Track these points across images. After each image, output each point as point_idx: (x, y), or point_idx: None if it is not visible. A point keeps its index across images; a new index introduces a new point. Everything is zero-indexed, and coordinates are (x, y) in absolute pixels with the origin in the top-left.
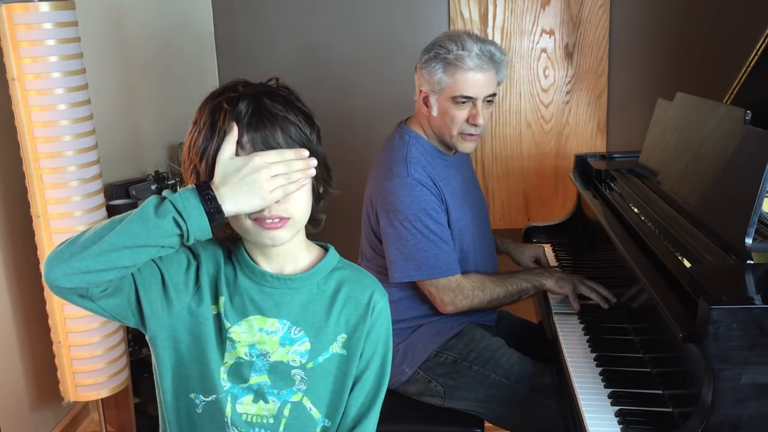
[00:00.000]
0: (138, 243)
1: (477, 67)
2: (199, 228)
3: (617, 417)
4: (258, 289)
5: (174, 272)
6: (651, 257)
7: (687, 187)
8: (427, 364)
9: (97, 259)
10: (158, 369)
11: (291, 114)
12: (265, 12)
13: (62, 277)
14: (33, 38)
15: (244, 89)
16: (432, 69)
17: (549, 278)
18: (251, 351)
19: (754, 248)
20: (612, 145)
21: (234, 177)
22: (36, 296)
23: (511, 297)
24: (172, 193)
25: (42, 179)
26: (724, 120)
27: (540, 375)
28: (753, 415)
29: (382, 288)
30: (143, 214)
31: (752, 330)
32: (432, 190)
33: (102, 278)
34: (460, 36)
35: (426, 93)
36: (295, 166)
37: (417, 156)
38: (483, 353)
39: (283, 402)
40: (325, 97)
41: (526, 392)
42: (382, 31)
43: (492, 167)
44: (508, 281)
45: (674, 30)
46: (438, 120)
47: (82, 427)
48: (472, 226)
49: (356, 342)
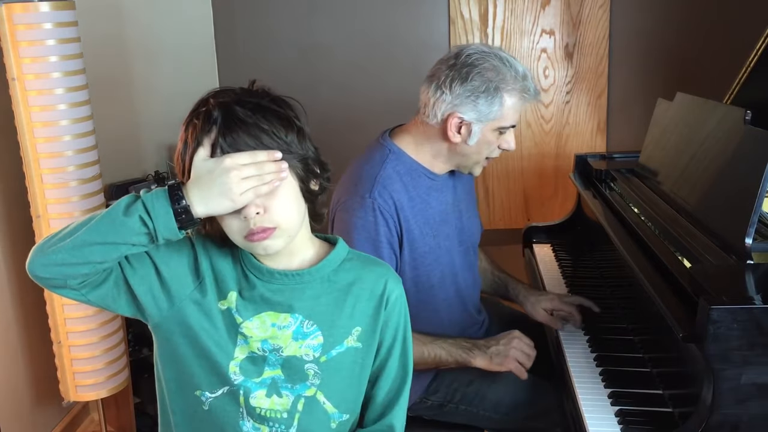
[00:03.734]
0: (107, 240)
1: (535, 94)
2: (166, 227)
3: (617, 417)
4: (268, 287)
5: (173, 264)
6: (651, 257)
7: (687, 187)
8: (413, 409)
9: (71, 253)
10: (161, 363)
11: (262, 120)
12: (265, 12)
13: (39, 267)
14: (33, 38)
15: (214, 101)
16: (489, 100)
17: (479, 356)
18: (264, 346)
19: (754, 248)
20: (612, 145)
21: (205, 178)
22: (36, 296)
23: (424, 364)
24: (146, 192)
25: (42, 179)
26: (724, 120)
27: (536, 401)
28: (753, 415)
29: (396, 275)
30: (113, 213)
31: (752, 330)
32: (389, 221)
33: (76, 271)
34: (502, 57)
35: (466, 121)
36: (267, 168)
37: (390, 176)
38: (468, 391)
39: (297, 396)
40: (325, 97)
41: (519, 422)
42: (382, 31)
43: (492, 167)
44: (427, 345)
45: (674, 30)
46: (472, 148)
47: (82, 427)
48: (445, 258)
49: (372, 334)
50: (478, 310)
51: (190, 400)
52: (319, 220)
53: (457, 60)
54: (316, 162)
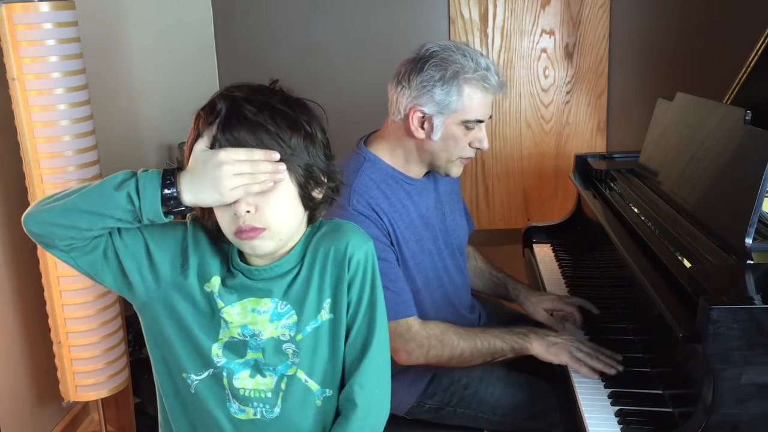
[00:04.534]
0: (93, 209)
1: (499, 85)
2: (150, 209)
3: (617, 417)
4: (249, 281)
5: (165, 246)
6: (651, 257)
7: (687, 187)
8: (411, 412)
9: (61, 214)
10: (148, 344)
11: (268, 120)
12: (265, 12)
13: (32, 222)
14: (33, 38)
15: (224, 93)
16: (446, 89)
17: (536, 342)
18: (243, 331)
19: (754, 248)
20: (612, 145)
21: (199, 169)
22: (36, 296)
23: (480, 356)
24: (144, 171)
25: (42, 179)
26: (724, 120)
27: (535, 401)
28: (753, 415)
29: (361, 234)
30: (106, 184)
31: (752, 330)
32: (376, 223)
33: (63, 233)
34: (463, 49)
35: (426, 114)
36: (262, 167)
37: (366, 184)
38: (465, 394)
39: (280, 376)
40: (325, 96)
41: (518, 423)
42: (382, 31)
43: (492, 167)
44: (478, 336)
45: (674, 30)
46: (438, 144)
47: (82, 427)
48: (429, 262)
49: (341, 301)
50: (470, 308)
51: (179, 384)
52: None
53: (417, 54)
54: (324, 171)
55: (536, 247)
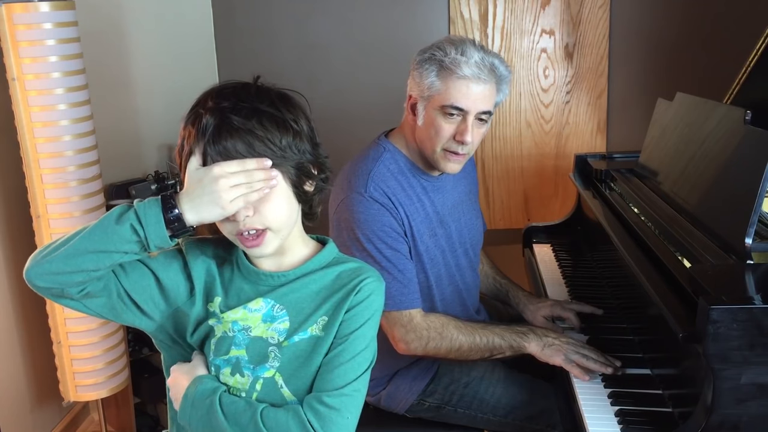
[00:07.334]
0: (98, 248)
1: (474, 77)
2: (157, 236)
3: (617, 417)
4: (254, 288)
5: (172, 272)
6: (651, 257)
7: (687, 187)
8: (411, 410)
9: (64, 261)
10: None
11: (257, 126)
12: (265, 11)
13: (36, 276)
14: (33, 38)
15: (211, 104)
16: (424, 71)
17: (534, 341)
18: (234, 326)
19: (754, 248)
20: (612, 145)
21: (196, 187)
22: (36, 296)
23: (478, 352)
24: (140, 201)
25: (42, 179)
26: (724, 120)
27: (535, 402)
28: (753, 415)
29: (378, 276)
30: (105, 221)
31: (752, 330)
32: (391, 212)
33: (70, 279)
34: (462, 42)
35: (415, 99)
36: (256, 176)
37: (383, 173)
38: (466, 394)
39: (256, 377)
40: (325, 96)
41: (518, 424)
42: (382, 31)
43: (492, 167)
44: (478, 332)
45: (674, 30)
46: (422, 131)
47: (82, 427)
48: (441, 259)
49: (334, 323)
50: (477, 310)
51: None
52: (313, 219)
53: None
54: (313, 163)
55: (536, 247)
